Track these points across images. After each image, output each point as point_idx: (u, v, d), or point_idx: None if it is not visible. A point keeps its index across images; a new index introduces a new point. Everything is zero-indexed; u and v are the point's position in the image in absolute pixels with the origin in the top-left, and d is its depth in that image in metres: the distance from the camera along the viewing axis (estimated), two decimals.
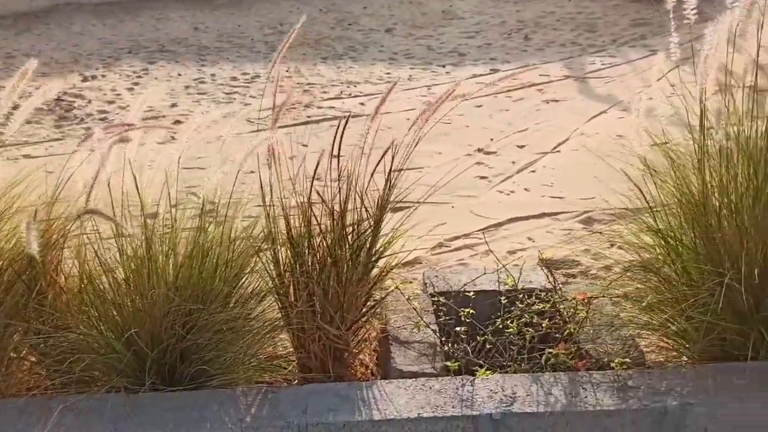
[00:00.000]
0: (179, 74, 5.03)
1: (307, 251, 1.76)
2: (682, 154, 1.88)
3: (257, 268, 1.84)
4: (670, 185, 1.88)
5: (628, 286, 1.95)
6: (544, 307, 1.96)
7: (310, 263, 1.77)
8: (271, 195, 1.82)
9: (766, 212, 1.65)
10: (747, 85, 1.79)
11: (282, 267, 1.82)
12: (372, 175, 1.85)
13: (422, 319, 1.97)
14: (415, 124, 1.72)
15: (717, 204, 1.76)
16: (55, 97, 4.63)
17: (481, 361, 1.92)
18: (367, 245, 1.80)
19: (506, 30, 5.89)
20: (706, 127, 1.76)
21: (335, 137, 1.82)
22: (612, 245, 2.26)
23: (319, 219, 1.81)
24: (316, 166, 1.80)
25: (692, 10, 1.97)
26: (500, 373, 1.83)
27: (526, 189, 3.35)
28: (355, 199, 1.80)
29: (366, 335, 1.98)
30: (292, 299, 1.80)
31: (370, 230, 1.79)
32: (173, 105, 4.47)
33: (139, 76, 5.01)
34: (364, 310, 1.87)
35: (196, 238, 1.70)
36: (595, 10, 6.19)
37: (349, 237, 1.77)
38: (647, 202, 1.88)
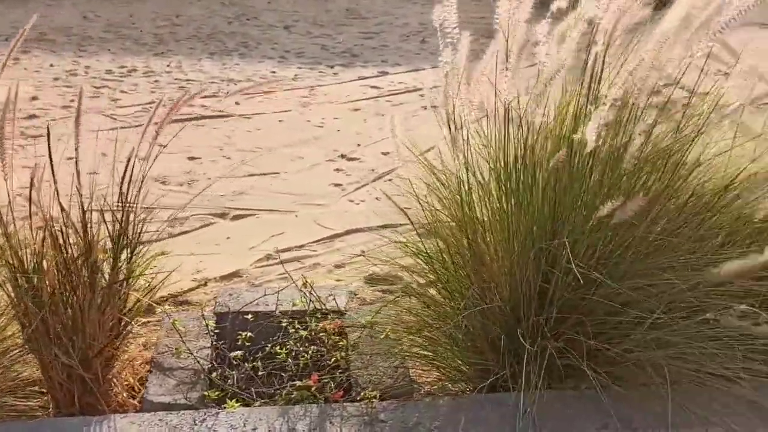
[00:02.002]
0: (51, 65, 4.78)
1: (38, 274, 1.62)
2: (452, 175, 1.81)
3: None
4: (442, 205, 1.80)
5: (404, 310, 1.86)
6: (304, 335, 1.86)
7: (43, 287, 1.62)
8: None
9: (513, 241, 1.59)
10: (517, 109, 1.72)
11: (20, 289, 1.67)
12: (120, 187, 1.72)
13: (184, 344, 1.84)
14: (143, 139, 1.60)
15: (478, 229, 1.69)
16: None
17: (251, 389, 1.81)
18: (108, 268, 1.66)
19: (406, 32, 5.81)
20: (464, 154, 1.68)
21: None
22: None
23: (59, 238, 1.66)
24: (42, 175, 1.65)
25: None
26: (260, 405, 1.72)
27: (377, 198, 3.26)
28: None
29: (128, 361, 1.84)
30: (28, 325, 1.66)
31: (109, 251, 1.65)
32: (34, 98, 4.23)
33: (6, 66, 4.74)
34: (113, 335, 1.73)
35: None
36: None
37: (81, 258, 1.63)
38: (412, 223, 1.80)
